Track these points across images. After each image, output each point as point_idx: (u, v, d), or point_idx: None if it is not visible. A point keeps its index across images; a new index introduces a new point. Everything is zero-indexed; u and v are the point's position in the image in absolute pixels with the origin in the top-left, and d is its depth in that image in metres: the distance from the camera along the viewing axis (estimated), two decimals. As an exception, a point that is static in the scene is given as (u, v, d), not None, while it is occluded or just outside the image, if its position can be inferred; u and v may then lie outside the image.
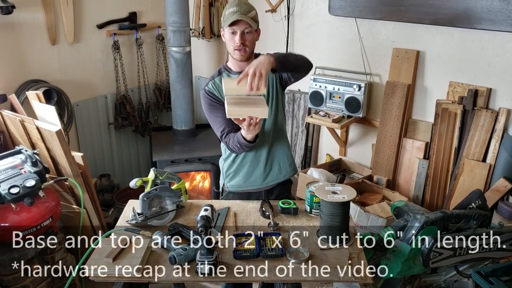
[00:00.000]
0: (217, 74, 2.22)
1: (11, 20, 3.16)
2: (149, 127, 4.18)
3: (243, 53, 2.08)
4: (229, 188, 2.37)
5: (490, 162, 2.90)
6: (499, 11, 2.68)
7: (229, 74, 2.18)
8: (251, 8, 2.07)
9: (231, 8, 2.04)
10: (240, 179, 2.31)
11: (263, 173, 2.28)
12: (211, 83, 2.18)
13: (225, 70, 2.20)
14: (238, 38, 2.04)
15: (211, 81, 2.19)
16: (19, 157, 2.66)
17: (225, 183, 2.39)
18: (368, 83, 3.34)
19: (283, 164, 2.30)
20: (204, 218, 1.81)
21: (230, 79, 2.08)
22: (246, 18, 2.02)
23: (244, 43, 2.05)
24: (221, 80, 2.15)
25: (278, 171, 2.30)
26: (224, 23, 2.06)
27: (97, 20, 3.70)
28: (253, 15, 2.06)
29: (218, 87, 2.16)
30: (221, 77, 2.18)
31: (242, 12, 2.02)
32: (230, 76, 2.17)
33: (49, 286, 2.68)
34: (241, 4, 2.04)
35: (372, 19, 3.22)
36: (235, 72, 2.17)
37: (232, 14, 2.02)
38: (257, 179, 2.30)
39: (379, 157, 3.38)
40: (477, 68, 2.92)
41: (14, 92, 3.22)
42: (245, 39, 2.06)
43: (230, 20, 2.01)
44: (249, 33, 2.06)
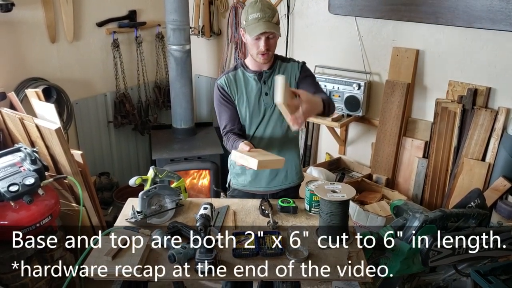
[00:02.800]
0: (232, 69, 2.21)
1: (11, 18, 3.16)
2: (149, 125, 4.17)
3: (266, 57, 2.06)
4: (235, 185, 2.37)
5: (489, 161, 2.90)
6: (498, 10, 2.68)
7: (244, 71, 2.17)
8: (274, 11, 2.03)
9: (255, 13, 1.99)
10: (245, 179, 2.31)
11: (268, 176, 2.28)
12: (224, 78, 2.17)
13: (242, 66, 2.19)
14: (263, 45, 2.02)
15: (225, 75, 2.18)
16: (18, 155, 2.66)
17: (232, 180, 2.39)
18: (368, 82, 3.34)
19: (290, 171, 2.28)
20: (204, 217, 1.81)
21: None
22: (272, 27, 1.99)
23: (268, 49, 2.04)
24: (235, 76, 2.15)
25: (284, 178, 2.29)
26: (247, 29, 2.03)
27: (96, 18, 3.70)
28: (277, 19, 2.03)
29: (230, 83, 2.15)
30: (235, 72, 2.17)
31: (267, 18, 1.98)
32: (245, 74, 2.16)
33: (48, 284, 2.68)
34: (265, 9, 1.99)
35: (372, 18, 3.22)
36: (251, 71, 2.16)
37: (256, 22, 1.99)
38: (262, 181, 2.30)
39: (378, 156, 3.38)
40: (476, 67, 2.92)
41: (14, 90, 3.22)
42: (269, 45, 2.04)
43: (257, 31, 1.98)
44: (273, 38, 2.05)
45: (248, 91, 2.17)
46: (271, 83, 2.15)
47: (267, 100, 2.16)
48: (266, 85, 2.16)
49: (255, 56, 2.08)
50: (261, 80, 2.16)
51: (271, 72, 2.16)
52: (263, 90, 2.16)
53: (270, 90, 2.15)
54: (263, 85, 2.16)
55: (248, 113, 2.17)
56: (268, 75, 2.16)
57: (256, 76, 2.16)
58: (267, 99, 2.16)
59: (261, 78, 2.16)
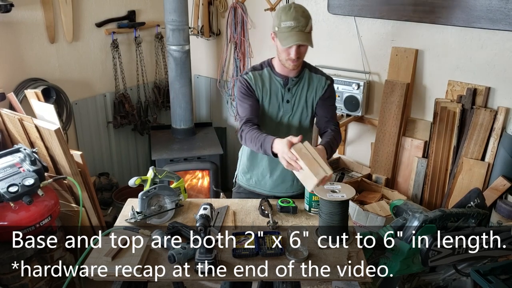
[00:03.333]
0: (259, 67, 2.17)
1: (10, 19, 3.16)
2: (148, 125, 4.17)
3: (296, 63, 2.03)
4: (240, 182, 2.37)
5: (488, 161, 2.90)
6: (498, 10, 2.69)
7: (271, 72, 2.14)
8: (308, 19, 1.97)
9: (289, 21, 1.93)
10: (251, 178, 2.31)
11: (274, 181, 2.28)
12: (251, 74, 2.13)
13: (268, 66, 2.16)
14: (293, 53, 1.98)
15: (251, 71, 2.15)
16: (18, 156, 2.66)
17: (238, 176, 2.39)
18: (367, 82, 3.34)
19: (296, 181, 2.26)
20: (203, 217, 1.81)
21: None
22: (305, 39, 1.94)
23: (299, 57, 2.01)
24: (262, 74, 2.12)
25: (290, 186, 2.29)
26: (279, 37, 1.97)
27: (96, 19, 3.70)
28: (310, 27, 1.98)
29: (257, 80, 2.12)
30: (262, 72, 2.14)
31: (301, 28, 1.93)
32: (272, 75, 2.13)
33: (48, 284, 2.68)
34: (299, 18, 1.94)
35: (371, 17, 3.22)
36: (278, 74, 2.13)
37: (290, 31, 1.93)
38: (267, 184, 2.30)
39: (378, 155, 3.38)
40: (476, 67, 2.92)
41: (13, 90, 3.22)
42: (300, 53, 2.00)
43: (289, 43, 1.93)
44: (305, 46, 2.00)
45: (271, 92, 2.14)
46: (295, 90, 2.14)
47: (286, 108, 2.15)
48: (289, 93, 2.14)
49: (284, 61, 2.04)
50: (286, 87, 2.13)
51: (298, 80, 2.14)
52: (285, 97, 2.14)
53: (292, 99, 2.14)
54: (287, 92, 2.14)
55: (266, 113, 2.16)
56: (294, 83, 2.13)
57: (282, 81, 2.13)
58: (287, 106, 2.15)
59: (287, 85, 2.13)
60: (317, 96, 2.17)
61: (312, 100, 2.17)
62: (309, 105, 2.18)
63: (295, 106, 2.16)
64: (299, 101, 2.16)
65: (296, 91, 2.14)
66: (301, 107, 2.17)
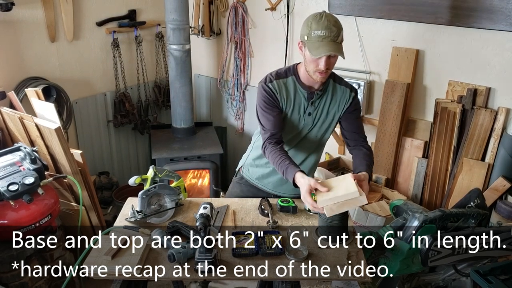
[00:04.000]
0: (283, 75, 2.08)
1: (10, 17, 3.16)
2: (148, 125, 4.17)
3: (324, 75, 1.95)
4: (244, 174, 2.37)
5: (489, 161, 2.90)
6: (498, 10, 2.68)
7: (296, 82, 2.06)
8: (340, 28, 1.87)
9: (320, 31, 1.84)
10: (256, 173, 2.30)
11: (278, 181, 2.27)
12: (276, 83, 2.05)
13: (293, 75, 2.07)
14: (323, 65, 1.89)
15: (276, 80, 2.05)
16: (18, 154, 2.66)
17: (243, 168, 2.38)
18: (368, 81, 3.34)
19: None
20: (203, 216, 1.81)
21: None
22: (336, 49, 1.85)
23: (328, 68, 1.92)
24: (286, 83, 2.04)
25: (292, 189, 2.26)
26: (309, 46, 1.88)
27: (96, 18, 3.69)
28: (342, 38, 1.89)
29: (281, 89, 2.05)
30: (286, 80, 2.06)
31: (332, 38, 1.84)
32: (297, 86, 2.06)
33: (47, 283, 2.68)
34: (331, 27, 1.84)
35: (372, 17, 3.22)
36: (303, 84, 2.06)
37: (320, 40, 1.84)
38: (270, 183, 2.29)
39: (378, 155, 3.38)
40: (476, 67, 2.92)
41: (13, 89, 3.22)
42: (329, 64, 1.91)
43: (320, 54, 1.85)
44: (334, 57, 1.91)
45: (294, 104, 2.08)
46: (317, 103, 2.09)
47: (307, 121, 2.11)
48: (312, 106, 2.09)
49: (312, 73, 1.96)
50: (310, 101, 2.08)
51: (322, 93, 2.08)
52: (307, 110, 2.09)
53: (314, 111, 2.10)
54: (310, 105, 2.09)
55: (286, 124, 2.11)
56: (318, 97, 2.08)
57: (306, 94, 2.07)
58: (308, 119, 2.11)
59: (311, 98, 2.08)
60: (340, 110, 2.12)
61: (335, 113, 2.12)
62: (331, 118, 2.13)
63: (316, 119, 2.12)
64: (321, 114, 2.11)
65: (319, 105, 2.09)
66: (322, 120, 2.12)
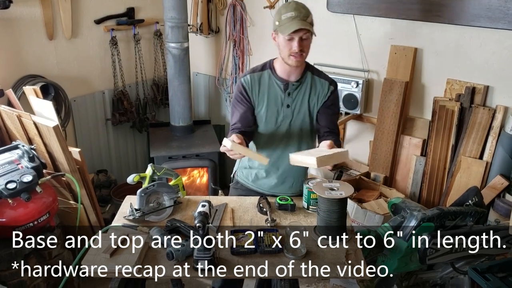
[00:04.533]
0: (260, 68, 2.13)
1: (9, 15, 3.15)
2: (147, 123, 4.17)
3: (299, 58, 1.98)
4: (239, 178, 2.36)
5: (487, 160, 2.91)
6: (497, 9, 2.69)
7: (272, 75, 2.09)
8: (309, 11, 1.97)
9: (289, 12, 1.93)
10: (250, 175, 2.30)
11: (274, 182, 2.26)
12: (249, 77, 2.11)
13: (270, 68, 2.11)
14: (296, 46, 1.94)
15: (250, 74, 2.12)
16: (16, 152, 2.65)
17: (237, 172, 2.38)
18: (366, 80, 3.34)
19: (296, 182, 2.26)
20: (202, 214, 1.81)
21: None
22: (307, 25, 1.92)
23: (302, 50, 1.96)
24: (261, 77, 2.08)
25: (288, 188, 2.27)
26: (281, 29, 1.95)
27: (94, 15, 3.68)
28: (311, 20, 1.97)
29: (254, 83, 2.09)
30: (262, 73, 2.10)
31: (302, 17, 1.92)
32: (272, 78, 2.09)
33: (46, 281, 2.68)
34: (299, 9, 1.94)
35: (370, 16, 3.22)
36: (278, 77, 2.09)
37: (291, 20, 1.92)
38: (265, 184, 2.29)
39: (376, 154, 3.39)
40: (474, 66, 2.92)
41: (11, 87, 3.21)
42: (303, 46, 1.96)
43: (291, 29, 1.91)
44: (307, 39, 1.97)
45: (269, 96, 2.10)
46: (295, 95, 2.10)
47: (286, 112, 2.11)
48: (290, 97, 2.09)
49: (287, 58, 1.99)
50: (286, 91, 2.09)
51: (299, 84, 2.10)
52: (285, 102, 2.10)
53: (293, 103, 2.10)
54: (287, 96, 2.09)
55: (265, 118, 2.12)
56: (294, 88, 2.09)
57: (282, 85, 2.09)
58: (287, 111, 2.11)
59: (287, 89, 2.09)
60: (319, 103, 2.12)
61: (314, 105, 2.12)
62: (311, 110, 2.13)
63: (296, 111, 2.11)
64: (301, 105, 2.11)
65: (297, 96, 2.10)
66: (303, 112, 2.11)
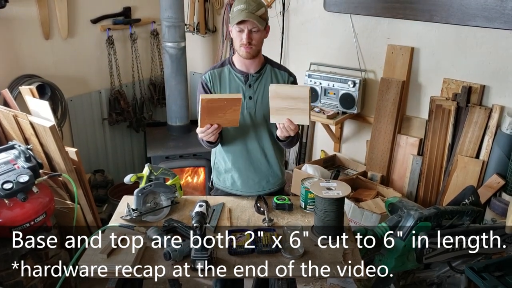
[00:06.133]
0: (219, 65, 2.20)
1: (4, 15, 3.13)
2: (144, 122, 4.16)
3: (248, 50, 2.03)
4: (216, 185, 2.34)
5: (483, 159, 2.91)
6: (493, 8, 2.69)
7: (231, 69, 2.15)
8: (260, 5, 2.03)
9: (239, 5, 2.01)
10: (226, 180, 2.28)
11: (247, 182, 2.25)
12: (209, 74, 2.16)
13: (229, 63, 2.17)
14: (245, 37, 2.01)
15: (210, 70, 2.17)
16: (12, 153, 2.64)
17: (214, 179, 2.36)
18: (363, 79, 3.34)
19: (272, 178, 2.26)
20: (199, 214, 1.81)
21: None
22: (253, 17, 1.98)
23: (250, 42, 2.02)
24: (221, 73, 2.14)
25: (265, 184, 2.26)
26: (231, 21, 2.04)
27: (91, 15, 3.68)
28: (262, 13, 2.03)
29: (214, 79, 2.14)
30: (221, 69, 2.16)
31: (250, 10, 1.98)
32: (232, 72, 2.14)
33: (42, 281, 2.67)
34: (249, 2, 2.00)
35: (367, 15, 3.23)
36: (238, 70, 2.14)
37: (239, 12, 1.99)
38: (241, 186, 2.26)
39: (373, 153, 3.39)
40: (471, 65, 2.93)
41: (7, 87, 3.20)
42: (251, 38, 2.02)
43: (237, 19, 1.99)
44: (257, 32, 2.03)
45: (231, 90, 2.14)
46: (256, 86, 2.13)
47: (249, 104, 2.13)
48: (251, 89, 2.13)
49: (238, 49, 2.06)
50: (247, 83, 2.13)
51: (259, 76, 2.14)
52: (247, 94, 2.12)
53: (255, 95, 2.13)
54: (248, 88, 2.13)
55: None
56: (254, 79, 2.13)
57: (243, 78, 2.13)
58: (250, 103, 2.13)
59: (247, 80, 2.13)
60: None
61: None
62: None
63: (259, 102, 2.14)
64: (263, 97, 2.12)
65: (258, 88, 2.13)
66: (266, 103, 2.09)
